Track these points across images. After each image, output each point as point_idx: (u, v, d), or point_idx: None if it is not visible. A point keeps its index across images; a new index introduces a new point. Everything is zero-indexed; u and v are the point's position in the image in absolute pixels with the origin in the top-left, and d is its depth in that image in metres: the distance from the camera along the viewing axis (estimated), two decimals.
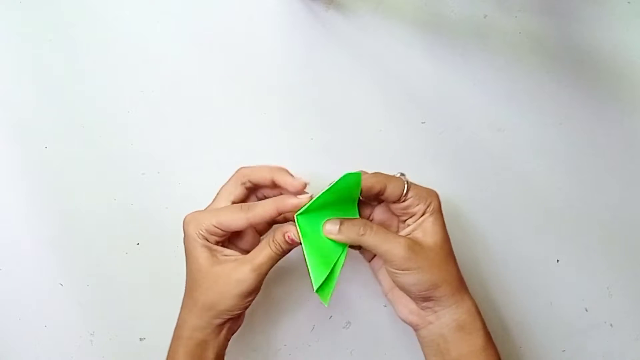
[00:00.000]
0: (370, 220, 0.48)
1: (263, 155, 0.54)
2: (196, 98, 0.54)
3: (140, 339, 0.55)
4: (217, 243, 0.45)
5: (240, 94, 0.54)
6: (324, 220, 0.45)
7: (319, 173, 0.52)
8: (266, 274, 0.44)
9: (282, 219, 0.46)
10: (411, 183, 0.45)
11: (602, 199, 0.56)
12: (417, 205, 0.45)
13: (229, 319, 0.45)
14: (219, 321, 0.44)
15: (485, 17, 0.55)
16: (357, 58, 0.55)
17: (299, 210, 0.43)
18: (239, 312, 0.45)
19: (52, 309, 0.54)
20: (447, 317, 0.45)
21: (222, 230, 0.44)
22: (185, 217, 0.45)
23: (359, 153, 0.55)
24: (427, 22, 0.55)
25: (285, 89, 0.55)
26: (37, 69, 0.54)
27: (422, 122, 0.55)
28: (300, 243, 0.44)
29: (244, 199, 0.47)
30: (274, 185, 0.46)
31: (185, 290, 0.46)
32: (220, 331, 0.45)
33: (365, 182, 0.44)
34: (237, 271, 0.43)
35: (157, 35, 0.54)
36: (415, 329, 0.47)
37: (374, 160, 0.54)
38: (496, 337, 0.56)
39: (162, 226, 0.54)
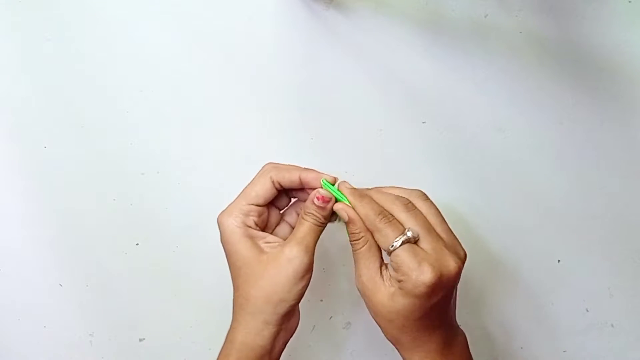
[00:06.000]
0: None
1: (263, 155, 0.54)
2: (196, 98, 0.54)
3: (140, 339, 0.55)
4: (257, 225, 0.44)
5: (240, 94, 0.54)
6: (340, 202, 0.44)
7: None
8: (314, 248, 0.43)
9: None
10: (409, 247, 0.40)
11: (602, 199, 0.56)
12: (396, 269, 0.41)
13: (283, 317, 0.42)
14: (275, 317, 0.42)
15: (485, 17, 0.55)
16: (357, 58, 0.54)
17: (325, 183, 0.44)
18: (295, 301, 0.42)
19: (52, 309, 0.54)
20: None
21: (255, 204, 0.44)
22: (218, 217, 0.44)
23: (359, 153, 0.54)
24: (427, 21, 0.54)
25: (285, 88, 0.55)
26: (37, 68, 0.54)
27: (422, 122, 0.55)
28: (334, 199, 0.44)
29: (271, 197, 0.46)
30: (302, 186, 0.45)
31: (234, 290, 0.44)
32: (275, 335, 0.43)
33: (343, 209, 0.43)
34: (284, 252, 0.42)
35: (157, 35, 0.54)
36: None
37: (374, 160, 0.54)
38: (497, 337, 0.56)
39: (161, 226, 0.54)
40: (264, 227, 0.46)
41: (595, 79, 0.55)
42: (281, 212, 0.49)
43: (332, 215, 0.45)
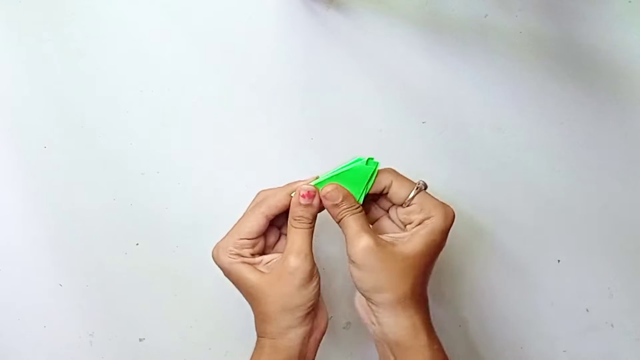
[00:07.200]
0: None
1: (263, 155, 0.54)
2: (196, 98, 0.54)
3: (140, 339, 0.55)
4: (253, 255, 0.45)
5: (240, 94, 0.54)
6: (330, 183, 0.45)
7: (319, 173, 0.51)
8: (311, 251, 0.44)
9: None
10: (424, 192, 0.44)
11: (602, 199, 0.56)
12: (417, 214, 0.44)
13: (305, 317, 0.44)
14: (297, 320, 0.43)
15: (485, 17, 0.55)
16: (357, 58, 0.54)
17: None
18: (312, 301, 0.44)
19: (52, 309, 0.54)
20: (386, 327, 0.43)
21: (248, 239, 0.44)
22: (212, 252, 0.45)
23: (359, 153, 0.54)
24: (427, 21, 0.54)
25: (285, 88, 0.55)
26: (37, 68, 0.54)
27: (422, 122, 0.55)
28: (318, 192, 0.44)
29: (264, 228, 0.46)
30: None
31: (253, 309, 0.45)
32: (303, 335, 0.44)
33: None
34: (284, 267, 0.43)
35: (157, 35, 0.54)
36: (363, 323, 0.46)
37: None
38: (497, 337, 0.56)
39: (161, 226, 0.54)
40: (261, 251, 0.46)
41: (595, 79, 0.55)
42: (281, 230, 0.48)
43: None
